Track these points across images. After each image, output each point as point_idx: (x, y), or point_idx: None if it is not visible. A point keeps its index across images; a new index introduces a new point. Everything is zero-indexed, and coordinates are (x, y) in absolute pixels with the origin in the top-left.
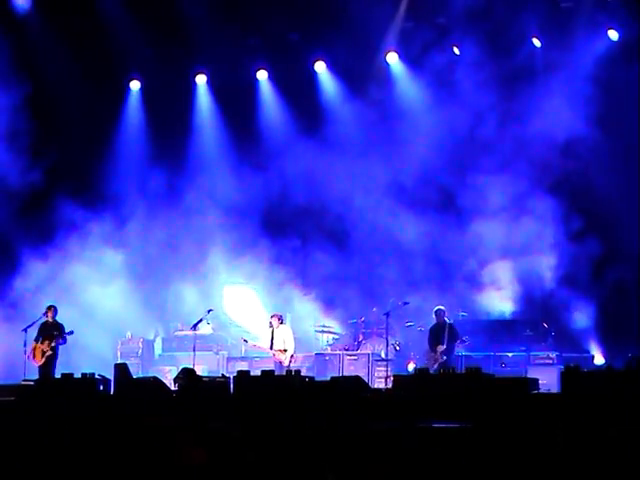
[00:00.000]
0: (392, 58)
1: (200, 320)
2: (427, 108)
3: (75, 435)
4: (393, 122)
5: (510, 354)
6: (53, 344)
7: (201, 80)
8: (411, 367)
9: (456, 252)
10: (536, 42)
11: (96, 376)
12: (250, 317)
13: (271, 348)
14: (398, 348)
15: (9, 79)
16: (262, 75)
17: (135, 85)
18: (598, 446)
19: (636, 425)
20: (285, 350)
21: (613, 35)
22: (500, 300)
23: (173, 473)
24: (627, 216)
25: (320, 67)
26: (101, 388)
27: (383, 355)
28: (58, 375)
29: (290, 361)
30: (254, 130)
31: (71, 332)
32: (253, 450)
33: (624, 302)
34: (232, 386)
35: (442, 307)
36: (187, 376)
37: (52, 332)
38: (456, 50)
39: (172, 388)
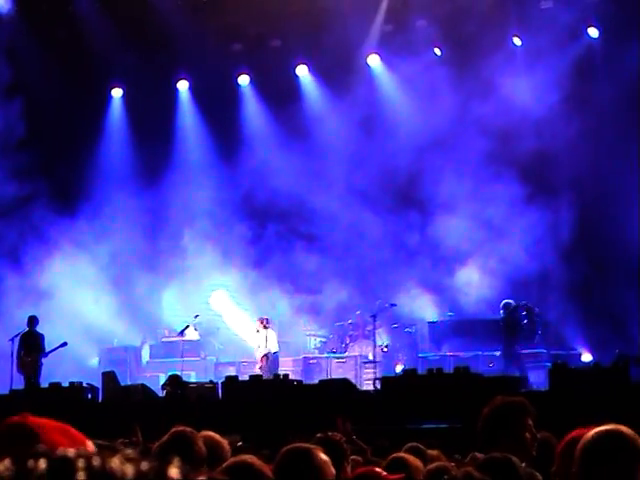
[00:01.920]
0: (373, 60)
1: (187, 326)
2: (408, 108)
3: None
4: (375, 123)
5: (498, 353)
6: (42, 359)
7: (183, 86)
8: (399, 368)
9: (434, 250)
10: (516, 41)
11: (84, 384)
12: (236, 319)
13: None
14: (386, 350)
15: None
16: (244, 80)
17: (117, 93)
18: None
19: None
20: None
21: (593, 32)
22: (477, 299)
23: None
24: (607, 198)
25: (302, 71)
26: (90, 396)
27: (371, 357)
28: (45, 384)
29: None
30: (236, 135)
31: (65, 344)
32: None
33: (608, 296)
34: (220, 391)
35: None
36: (174, 383)
37: (35, 343)
38: (437, 51)
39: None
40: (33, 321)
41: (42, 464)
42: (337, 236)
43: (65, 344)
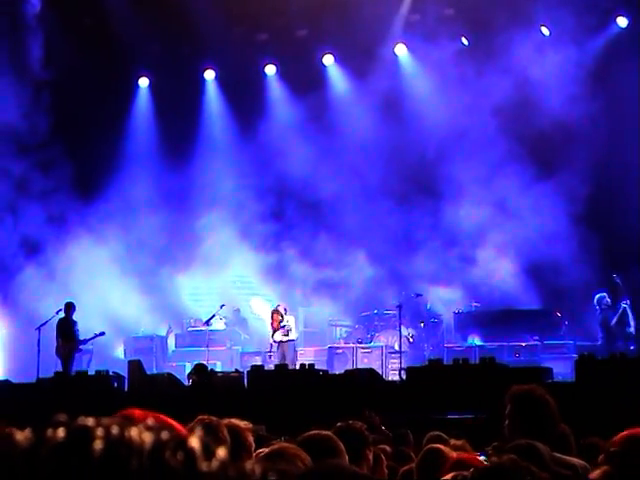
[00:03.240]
0: (400, 50)
1: (213, 315)
2: (434, 97)
3: None
4: (401, 112)
5: (524, 344)
6: (80, 347)
7: (210, 76)
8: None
9: (455, 239)
10: (544, 30)
11: (110, 373)
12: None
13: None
14: (412, 340)
15: (20, 77)
16: (270, 70)
17: (144, 82)
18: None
19: None
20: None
21: (622, 22)
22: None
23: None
24: (624, 181)
25: (328, 60)
26: (115, 385)
27: (396, 347)
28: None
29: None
30: (263, 125)
31: (102, 333)
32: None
33: (631, 280)
34: (246, 381)
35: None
36: (200, 372)
37: (69, 330)
38: (464, 40)
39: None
40: (69, 308)
41: (60, 433)
42: (357, 224)
43: (103, 334)
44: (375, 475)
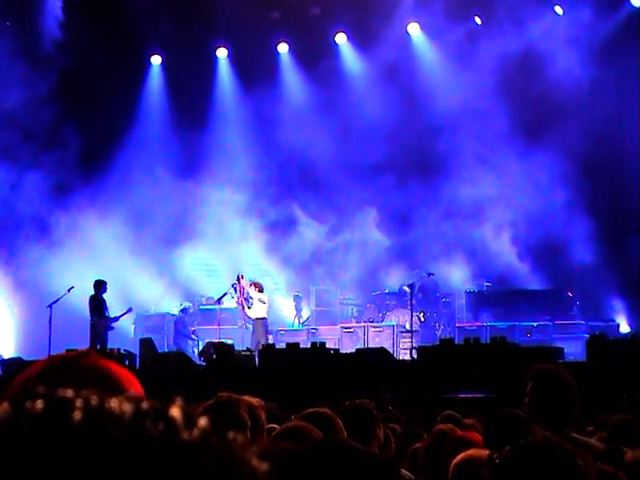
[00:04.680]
0: (413, 29)
1: (225, 294)
2: (444, 77)
3: None
4: (414, 92)
5: (535, 324)
6: (111, 324)
7: (222, 54)
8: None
9: (462, 217)
10: (558, 10)
11: (122, 351)
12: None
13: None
14: (423, 319)
15: (33, 56)
16: (283, 48)
17: (156, 60)
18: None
19: None
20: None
21: (636, 1)
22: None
23: None
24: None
25: (341, 39)
26: (127, 363)
27: (408, 326)
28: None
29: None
30: (274, 103)
31: (130, 309)
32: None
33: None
34: (257, 359)
35: None
36: (214, 350)
37: (97, 307)
38: (477, 20)
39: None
40: (100, 285)
41: (39, 404)
42: (363, 198)
43: (130, 310)
44: (384, 453)
